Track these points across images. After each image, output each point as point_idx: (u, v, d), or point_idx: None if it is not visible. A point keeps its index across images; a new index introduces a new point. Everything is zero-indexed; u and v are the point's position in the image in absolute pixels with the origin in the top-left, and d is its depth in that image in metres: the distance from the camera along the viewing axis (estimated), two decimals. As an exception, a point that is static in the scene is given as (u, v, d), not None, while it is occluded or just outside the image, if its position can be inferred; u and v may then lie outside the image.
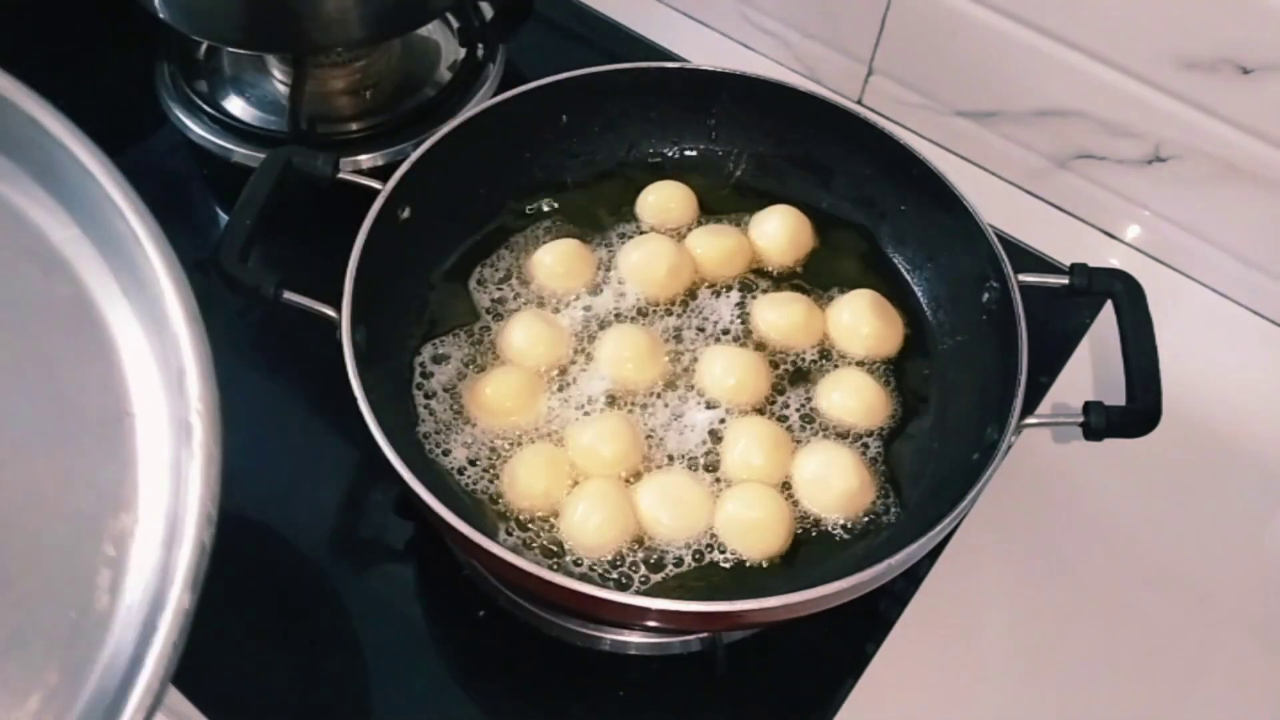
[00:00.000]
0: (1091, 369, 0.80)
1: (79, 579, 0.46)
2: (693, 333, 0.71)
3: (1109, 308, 0.65)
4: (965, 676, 0.66)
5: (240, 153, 0.84)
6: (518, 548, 0.61)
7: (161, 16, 0.77)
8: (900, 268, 0.75)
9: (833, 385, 0.68)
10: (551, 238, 0.75)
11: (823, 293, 0.73)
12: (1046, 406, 0.77)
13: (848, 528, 0.63)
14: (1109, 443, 0.61)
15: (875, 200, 0.76)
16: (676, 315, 0.72)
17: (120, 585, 0.46)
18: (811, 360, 0.70)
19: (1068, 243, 0.86)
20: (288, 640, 0.66)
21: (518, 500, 0.62)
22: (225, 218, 0.84)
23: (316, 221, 0.68)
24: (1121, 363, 0.62)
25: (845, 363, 0.70)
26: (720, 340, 0.70)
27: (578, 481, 0.63)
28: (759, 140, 0.79)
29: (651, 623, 0.60)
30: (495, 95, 0.74)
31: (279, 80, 0.89)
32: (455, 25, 0.94)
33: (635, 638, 0.65)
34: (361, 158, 0.83)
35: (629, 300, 0.72)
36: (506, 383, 0.66)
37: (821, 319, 0.71)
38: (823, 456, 0.64)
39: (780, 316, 0.70)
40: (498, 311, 0.71)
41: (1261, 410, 0.78)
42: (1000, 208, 0.83)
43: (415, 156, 0.68)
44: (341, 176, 0.66)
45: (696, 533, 0.62)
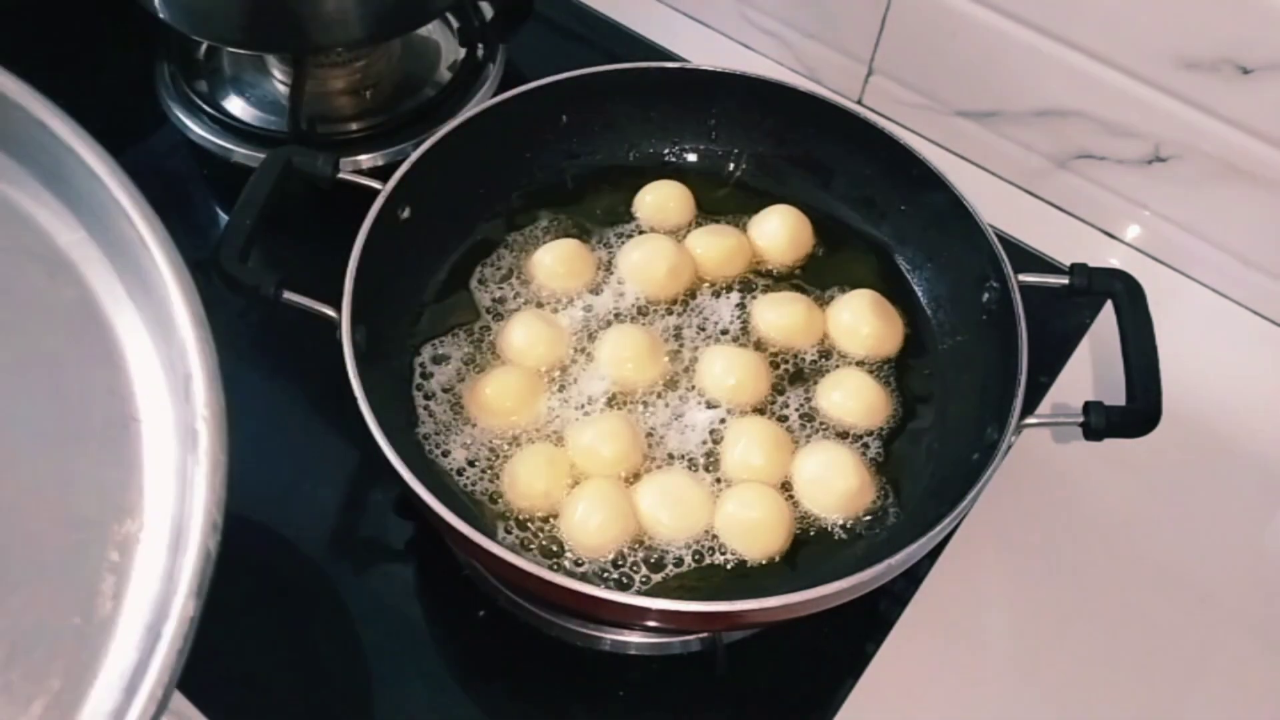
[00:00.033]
0: (1091, 369, 0.80)
1: (83, 585, 0.45)
2: (693, 332, 0.71)
3: (1109, 308, 0.65)
4: (965, 676, 0.66)
5: (240, 153, 0.84)
6: (517, 548, 0.61)
7: (161, 16, 0.77)
8: (900, 268, 0.75)
9: (833, 385, 0.68)
10: (551, 238, 0.75)
11: (822, 293, 0.73)
12: (1046, 406, 0.77)
13: (848, 528, 0.63)
14: (1109, 443, 0.61)
15: (875, 200, 0.76)
16: (676, 315, 0.72)
17: (124, 591, 0.45)
18: (811, 360, 0.70)
19: (1068, 243, 0.86)
20: (288, 640, 0.66)
21: (518, 500, 0.62)
22: (225, 218, 0.84)
23: (316, 221, 0.68)
24: (1121, 363, 0.62)
25: (845, 363, 0.70)
26: (720, 340, 0.70)
27: (578, 481, 0.63)
28: (759, 140, 0.79)
29: (651, 623, 0.60)
30: (495, 95, 0.74)
31: (279, 80, 0.89)
32: (455, 25, 0.94)
33: (635, 638, 0.65)
34: (361, 158, 0.83)
35: (629, 300, 0.72)
36: (506, 383, 0.66)
37: (821, 319, 0.71)
38: (823, 456, 0.64)
39: (780, 316, 0.70)
40: (498, 311, 0.71)
41: (1261, 410, 0.78)
42: (1000, 208, 0.83)
43: (415, 156, 0.68)
44: (341, 176, 0.66)
45: (696, 533, 0.62)
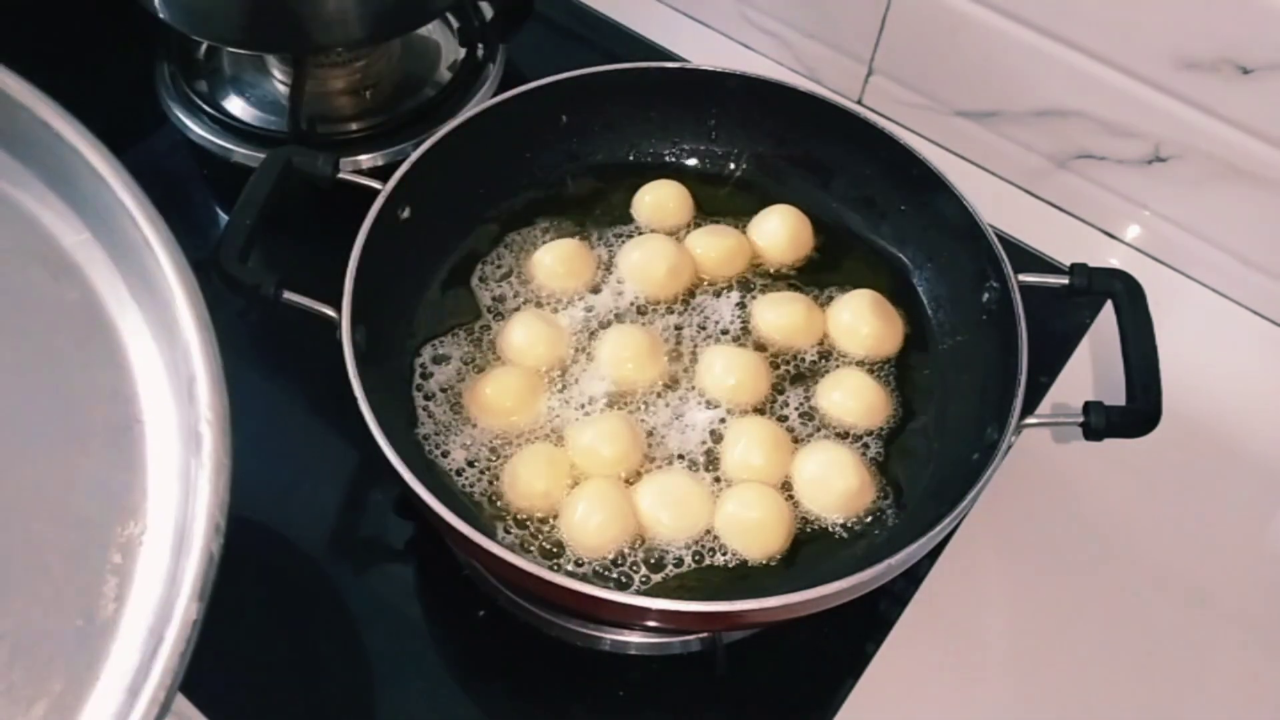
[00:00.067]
0: (1091, 369, 0.80)
1: (85, 587, 0.45)
2: (693, 332, 0.71)
3: (1109, 308, 0.65)
4: (965, 676, 0.66)
5: (240, 153, 0.84)
6: (517, 548, 0.61)
7: (161, 16, 0.77)
8: (900, 268, 0.75)
9: (833, 385, 0.68)
10: (551, 237, 0.74)
11: (822, 293, 0.73)
12: (1046, 406, 0.77)
13: (848, 528, 0.63)
14: (1109, 443, 0.61)
15: (875, 200, 0.76)
16: (676, 315, 0.72)
17: (127, 594, 0.45)
18: (811, 360, 0.70)
19: (1068, 243, 0.86)
20: (288, 640, 0.66)
21: (518, 500, 0.62)
22: (225, 218, 0.84)
23: (316, 221, 0.68)
24: (1121, 363, 0.62)
25: (845, 362, 0.70)
26: (720, 340, 0.70)
27: (578, 481, 0.63)
28: (759, 140, 0.79)
29: (651, 623, 0.60)
30: (495, 95, 0.74)
31: (279, 80, 0.89)
32: (455, 25, 0.94)
33: (635, 638, 0.65)
34: (361, 158, 0.83)
35: (629, 300, 0.72)
36: (506, 382, 0.66)
37: (821, 319, 0.71)
38: (823, 456, 0.64)
39: (780, 316, 0.70)
40: (498, 311, 0.71)
41: (1261, 410, 0.78)
42: (1000, 208, 0.83)
43: (415, 156, 0.68)
44: (341, 176, 0.66)
45: (696, 533, 0.62)
